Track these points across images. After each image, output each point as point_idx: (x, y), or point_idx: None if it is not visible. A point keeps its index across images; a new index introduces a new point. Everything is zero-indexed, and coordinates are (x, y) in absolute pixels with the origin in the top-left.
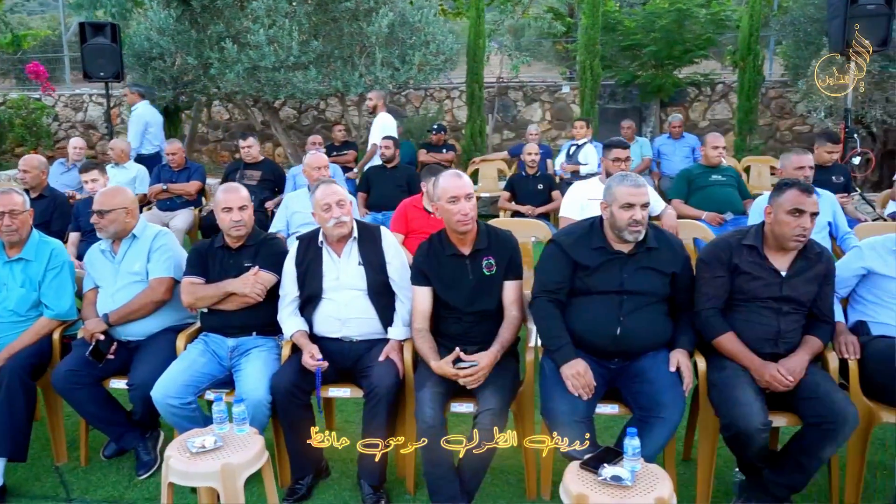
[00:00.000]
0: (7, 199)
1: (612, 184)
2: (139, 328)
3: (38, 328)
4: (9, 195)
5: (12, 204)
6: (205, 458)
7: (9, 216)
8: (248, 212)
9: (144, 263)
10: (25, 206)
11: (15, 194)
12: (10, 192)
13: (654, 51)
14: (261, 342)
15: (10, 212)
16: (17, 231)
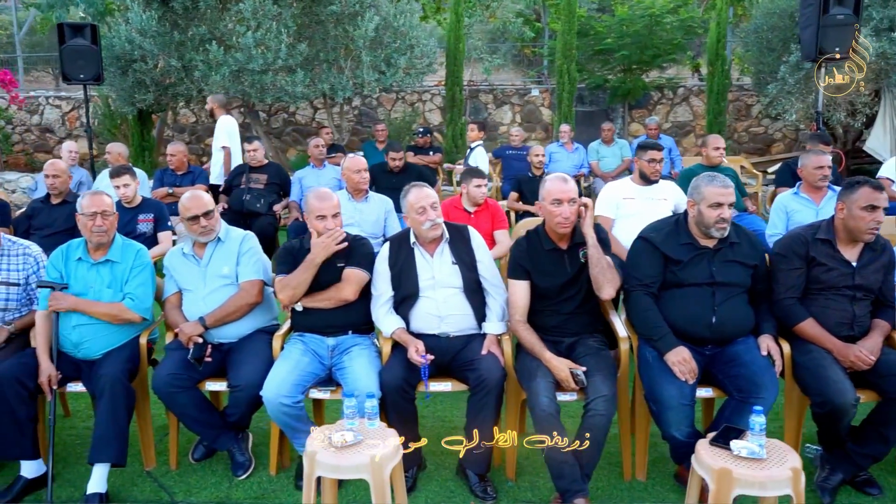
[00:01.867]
0: (98, 199)
1: (700, 184)
2: (232, 330)
3: (113, 308)
4: (100, 196)
5: (104, 205)
6: (351, 451)
7: (101, 217)
8: (340, 219)
9: (234, 266)
10: (114, 207)
11: (105, 196)
12: (100, 194)
13: (626, 55)
14: (358, 340)
15: (102, 213)
16: (106, 232)
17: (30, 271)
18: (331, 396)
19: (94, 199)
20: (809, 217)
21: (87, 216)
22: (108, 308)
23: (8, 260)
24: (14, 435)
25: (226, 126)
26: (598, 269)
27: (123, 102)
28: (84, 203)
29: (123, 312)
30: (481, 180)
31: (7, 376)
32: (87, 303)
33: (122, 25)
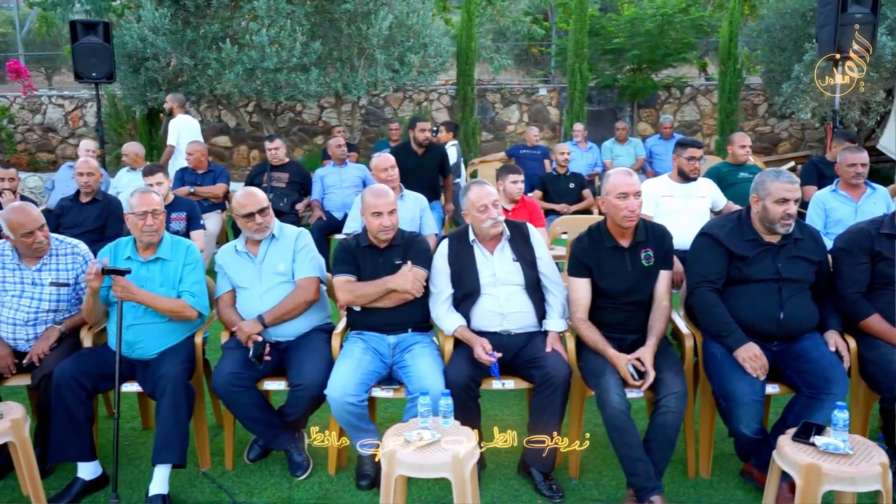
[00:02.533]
0: (149, 198)
1: (766, 179)
2: (290, 329)
3: (176, 304)
4: (149, 195)
5: (154, 204)
6: (431, 450)
7: (151, 216)
8: (396, 216)
9: (290, 264)
10: (162, 206)
11: (154, 194)
12: (149, 192)
13: (637, 54)
14: (419, 338)
15: (153, 211)
16: (157, 231)
17: (79, 270)
18: (394, 395)
19: (145, 198)
20: (848, 214)
21: (138, 215)
22: (172, 304)
23: (57, 260)
24: (72, 436)
25: (177, 125)
26: None
27: (134, 101)
28: (134, 202)
29: (185, 309)
30: (518, 176)
31: (65, 377)
32: (151, 296)
33: (133, 23)
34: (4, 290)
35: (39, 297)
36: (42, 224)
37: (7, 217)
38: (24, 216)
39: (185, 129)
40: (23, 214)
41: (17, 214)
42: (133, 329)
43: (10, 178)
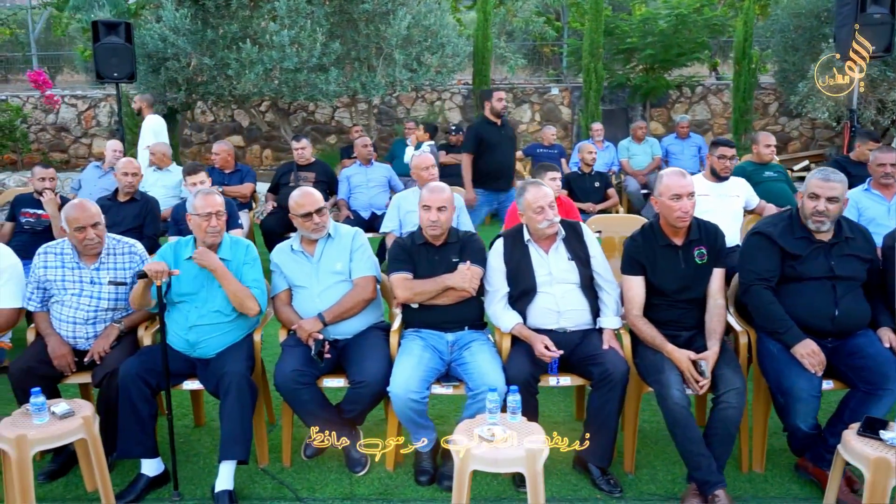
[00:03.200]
0: (212, 200)
1: (810, 176)
2: (348, 327)
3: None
4: (212, 196)
5: (218, 205)
6: (503, 445)
7: (215, 217)
8: (447, 214)
9: (347, 263)
10: (224, 206)
11: (217, 195)
12: (212, 193)
13: (651, 54)
14: (476, 335)
15: (217, 213)
16: (220, 232)
17: (136, 269)
18: (453, 392)
19: (209, 200)
20: (881, 213)
21: (202, 217)
22: (239, 287)
23: (114, 259)
24: (137, 433)
25: (152, 125)
26: None
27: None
28: (198, 204)
29: (249, 299)
30: (555, 173)
31: (131, 374)
32: (225, 270)
33: (153, 23)
34: (64, 288)
35: (98, 295)
36: (96, 222)
37: (66, 211)
38: (78, 211)
39: (159, 129)
40: (78, 209)
41: (74, 209)
42: (196, 329)
43: (50, 177)
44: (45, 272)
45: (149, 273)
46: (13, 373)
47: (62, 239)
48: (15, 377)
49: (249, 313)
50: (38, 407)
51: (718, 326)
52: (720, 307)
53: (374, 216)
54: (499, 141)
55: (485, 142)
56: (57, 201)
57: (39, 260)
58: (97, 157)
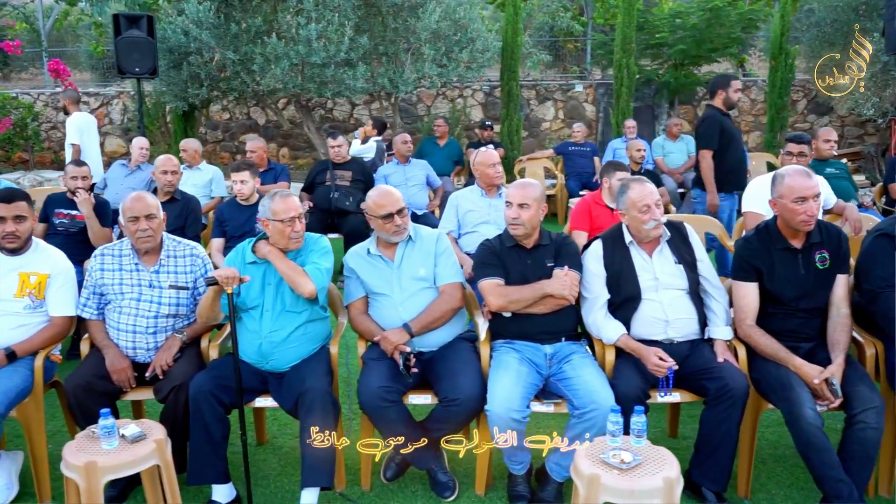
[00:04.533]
0: (293, 202)
1: None
2: (434, 338)
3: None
4: (292, 198)
5: (299, 207)
6: (637, 473)
7: (298, 221)
8: (530, 212)
9: (431, 268)
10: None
11: (295, 197)
12: (291, 196)
13: (683, 49)
14: (574, 347)
15: (300, 216)
16: (302, 236)
17: (198, 273)
18: (554, 410)
19: (290, 203)
20: None
21: (285, 222)
22: (290, 266)
23: (175, 262)
24: (210, 456)
25: (77, 123)
26: None
27: (174, 97)
28: (277, 207)
29: (300, 276)
30: (624, 173)
31: (203, 391)
32: (278, 252)
33: (175, 17)
34: (122, 293)
35: (158, 300)
36: (151, 214)
37: (123, 202)
38: (134, 201)
39: (85, 126)
40: (135, 200)
41: (130, 199)
42: (269, 340)
43: (83, 175)
44: (101, 275)
45: (219, 280)
46: (71, 390)
47: (120, 240)
48: (73, 395)
49: (304, 292)
50: (107, 430)
51: (843, 338)
52: (845, 317)
53: (414, 216)
54: (736, 134)
55: (727, 134)
56: (91, 201)
57: (96, 262)
58: (110, 155)
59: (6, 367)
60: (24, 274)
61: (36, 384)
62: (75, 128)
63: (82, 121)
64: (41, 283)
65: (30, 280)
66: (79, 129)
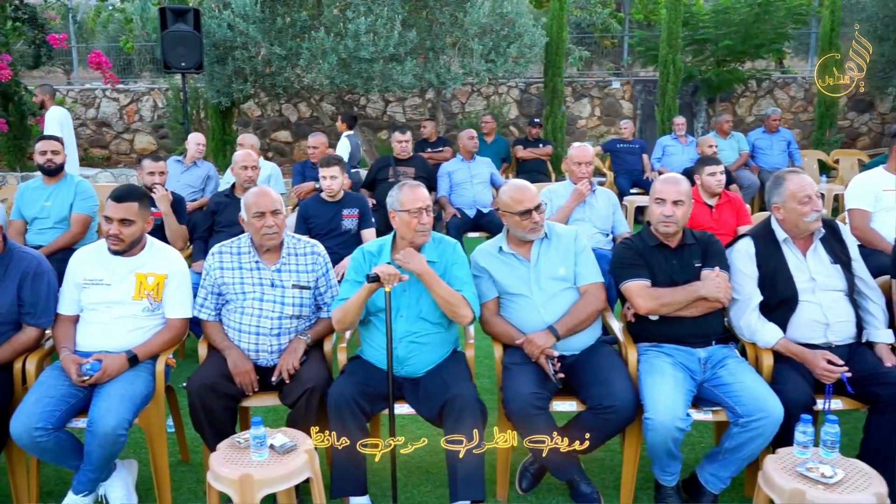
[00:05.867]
0: (422, 192)
1: None
2: (577, 341)
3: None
4: (420, 188)
5: (428, 199)
6: (843, 488)
7: (425, 213)
8: (684, 209)
9: (571, 267)
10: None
11: (423, 188)
12: (420, 187)
13: (729, 45)
14: (726, 351)
15: (427, 208)
16: (429, 231)
17: (319, 273)
18: (713, 418)
19: (419, 192)
20: None
21: (412, 213)
22: (450, 293)
23: (296, 259)
24: (351, 467)
25: (58, 117)
26: None
27: (217, 93)
28: (405, 198)
29: (462, 306)
30: (716, 167)
31: (345, 398)
32: (434, 275)
33: (219, 11)
34: (243, 292)
35: (282, 300)
36: (276, 209)
37: (246, 198)
38: (258, 196)
39: (64, 120)
40: (259, 195)
41: (254, 194)
42: (404, 343)
43: (160, 171)
44: (221, 274)
45: (381, 276)
46: (195, 391)
47: (239, 236)
48: (198, 396)
49: (462, 322)
50: (259, 440)
51: None
52: None
53: (479, 214)
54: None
55: None
56: (169, 197)
57: (214, 260)
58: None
59: (128, 372)
60: (141, 275)
61: (157, 389)
62: (56, 123)
63: (62, 115)
64: (159, 284)
65: (147, 281)
66: (59, 124)
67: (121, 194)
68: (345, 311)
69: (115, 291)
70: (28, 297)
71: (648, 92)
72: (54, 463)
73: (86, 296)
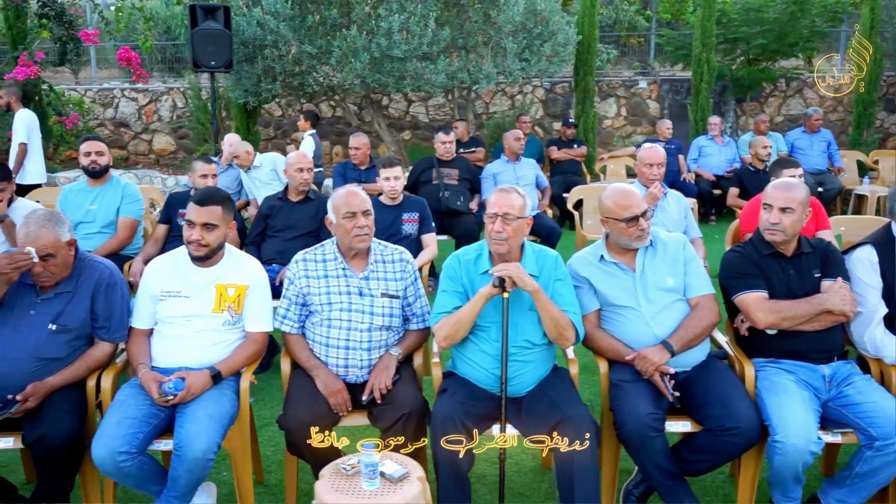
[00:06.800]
0: (509, 198)
1: None
2: (689, 357)
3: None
4: (512, 193)
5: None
6: None
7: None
8: (794, 217)
9: (681, 277)
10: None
11: (516, 193)
12: (513, 190)
13: (763, 43)
14: (849, 368)
15: (504, 215)
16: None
17: (408, 281)
18: (841, 440)
19: (508, 197)
20: None
21: (493, 217)
22: (559, 314)
23: (384, 267)
24: (458, 494)
25: (25, 120)
26: None
27: (245, 93)
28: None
29: (568, 328)
30: (795, 170)
31: (452, 420)
32: (544, 293)
33: (248, 8)
34: (329, 303)
35: (371, 310)
36: (368, 210)
37: (334, 199)
38: (349, 196)
39: (33, 123)
40: (349, 195)
41: (344, 194)
42: (513, 361)
43: (212, 173)
44: (307, 283)
45: (507, 280)
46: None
47: (323, 242)
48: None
49: (564, 345)
50: (372, 469)
51: None
52: None
53: None
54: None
55: None
56: None
57: (299, 268)
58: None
59: (212, 391)
60: (221, 286)
61: (242, 409)
62: (24, 125)
63: (30, 118)
64: (240, 296)
65: (227, 293)
66: (28, 127)
67: (204, 197)
68: (457, 325)
69: (194, 304)
70: (102, 310)
71: (675, 91)
72: (135, 488)
73: (162, 308)
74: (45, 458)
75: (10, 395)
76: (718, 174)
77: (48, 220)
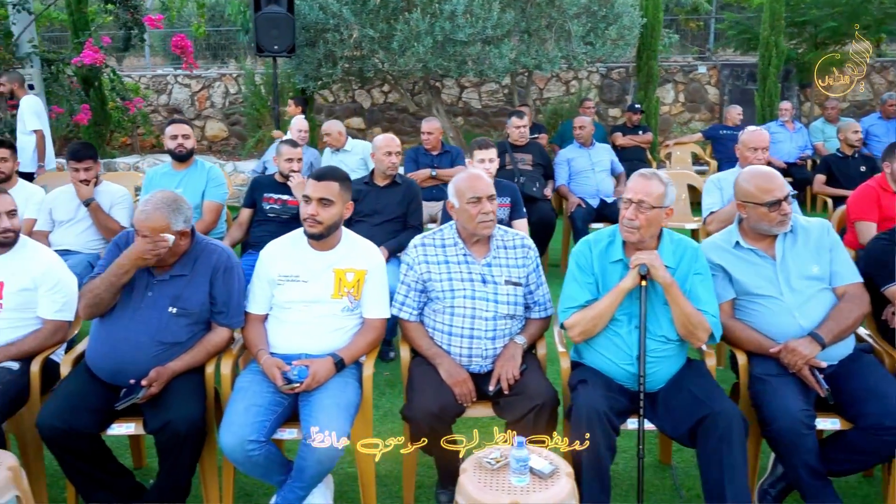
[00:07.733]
0: (647, 185)
1: None
2: (836, 350)
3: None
4: (652, 180)
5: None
6: None
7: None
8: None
9: (826, 265)
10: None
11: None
12: (655, 176)
13: (834, 26)
14: None
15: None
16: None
17: (530, 268)
18: None
19: (645, 183)
20: None
21: (625, 203)
22: (693, 312)
23: (506, 253)
24: (597, 487)
25: (32, 106)
26: None
27: (305, 77)
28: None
29: (701, 329)
30: None
31: (598, 412)
32: (678, 288)
33: None
34: (451, 289)
35: (495, 297)
36: (492, 195)
37: (457, 183)
38: (473, 180)
39: (41, 109)
40: (474, 179)
41: (467, 178)
42: (653, 356)
43: (297, 157)
44: (427, 268)
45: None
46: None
47: (441, 227)
48: (428, 426)
49: (695, 344)
50: (523, 463)
51: None
52: None
53: (603, 204)
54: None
55: None
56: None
57: (418, 253)
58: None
59: (336, 378)
60: (340, 271)
61: (365, 398)
62: (33, 112)
63: (37, 104)
64: (359, 281)
65: (346, 278)
66: (37, 114)
67: (322, 173)
68: (595, 321)
69: (313, 289)
70: (220, 295)
71: (736, 77)
72: (260, 478)
73: (280, 293)
74: (171, 444)
75: (132, 379)
76: (790, 161)
77: (166, 206)
